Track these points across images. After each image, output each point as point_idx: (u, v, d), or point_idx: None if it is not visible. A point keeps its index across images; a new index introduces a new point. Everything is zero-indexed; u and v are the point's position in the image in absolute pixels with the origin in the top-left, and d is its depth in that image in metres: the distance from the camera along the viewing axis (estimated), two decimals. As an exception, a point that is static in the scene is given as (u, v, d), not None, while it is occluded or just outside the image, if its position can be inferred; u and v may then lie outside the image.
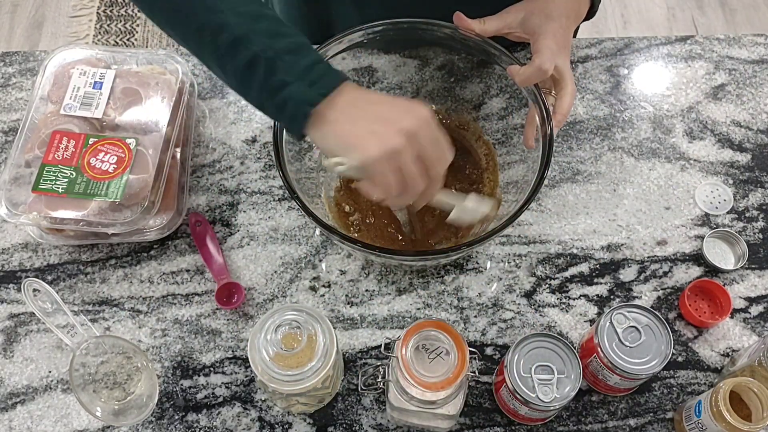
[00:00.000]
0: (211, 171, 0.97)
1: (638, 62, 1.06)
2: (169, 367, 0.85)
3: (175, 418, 0.82)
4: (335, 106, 0.67)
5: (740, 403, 0.75)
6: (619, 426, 0.83)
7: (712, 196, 0.96)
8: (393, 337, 0.83)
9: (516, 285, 0.90)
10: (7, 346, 0.86)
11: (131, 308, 0.88)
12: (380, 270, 0.91)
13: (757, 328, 0.88)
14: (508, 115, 0.96)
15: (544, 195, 0.96)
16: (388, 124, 0.66)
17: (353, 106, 0.68)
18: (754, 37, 1.09)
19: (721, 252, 0.92)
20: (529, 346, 0.76)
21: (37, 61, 1.05)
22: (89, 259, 0.91)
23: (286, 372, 0.70)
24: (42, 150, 0.87)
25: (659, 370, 0.76)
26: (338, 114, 0.67)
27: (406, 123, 0.66)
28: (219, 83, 1.03)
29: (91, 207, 0.84)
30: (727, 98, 1.04)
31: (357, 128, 0.67)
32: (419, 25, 0.88)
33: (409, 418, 0.77)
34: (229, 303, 0.88)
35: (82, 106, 0.90)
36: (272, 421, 0.82)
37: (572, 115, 1.01)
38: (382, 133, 0.66)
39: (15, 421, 0.82)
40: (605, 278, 0.91)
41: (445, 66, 0.96)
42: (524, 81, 0.82)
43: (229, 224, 0.93)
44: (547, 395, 0.73)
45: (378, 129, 0.66)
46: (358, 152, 0.66)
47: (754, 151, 1.00)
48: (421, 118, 0.67)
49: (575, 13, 0.87)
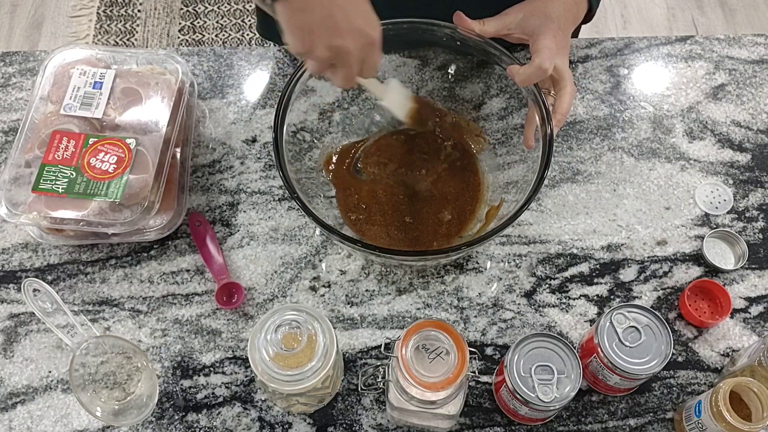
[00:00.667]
0: (211, 171, 0.97)
1: (638, 62, 1.06)
2: (169, 367, 0.85)
3: (175, 418, 0.82)
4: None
5: (740, 403, 0.75)
6: (619, 426, 0.83)
7: (712, 196, 0.96)
8: (393, 337, 0.83)
9: (516, 285, 0.90)
10: (7, 346, 0.86)
11: (131, 308, 0.88)
12: (380, 270, 0.91)
13: (757, 328, 0.88)
14: (508, 115, 0.96)
15: (544, 195, 0.96)
16: (327, 33, 0.68)
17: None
18: (754, 37, 1.09)
19: (721, 252, 0.92)
20: (529, 346, 0.76)
21: (37, 61, 1.05)
22: (89, 259, 0.91)
23: (286, 372, 0.70)
24: (42, 150, 0.87)
25: (659, 370, 0.76)
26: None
27: (340, 41, 0.68)
28: (219, 83, 1.03)
29: (91, 207, 0.84)
30: (727, 98, 1.04)
31: (302, 19, 0.68)
32: (419, 25, 0.88)
33: (409, 418, 0.77)
34: (229, 303, 0.88)
35: (82, 106, 0.90)
36: (272, 421, 0.82)
37: (572, 115, 1.01)
38: (314, 39, 0.68)
39: (15, 421, 0.82)
40: (605, 278, 0.91)
41: (445, 66, 0.96)
42: (524, 81, 0.82)
43: (229, 224, 0.93)
44: (547, 395, 0.73)
45: (315, 32, 0.68)
46: (290, 41, 0.70)
47: (754, 151, 1.00)
48: (363, 41, 0.70)
49: (573, 14, 0.87)
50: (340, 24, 0.68)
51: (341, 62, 0.71)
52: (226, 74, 1.04)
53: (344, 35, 0.69)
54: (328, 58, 0.70)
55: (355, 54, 0.70)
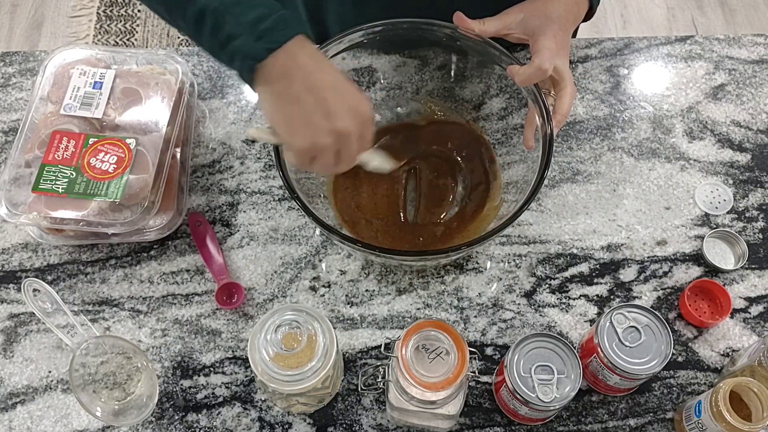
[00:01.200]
0: (211, 171, 0.97)
1: (638, 62, 1.06)
2: (169, 367, 0.85)
3: (175, 418, 0.82)
4: (281, 68, 0.66)
5: (740, 403, 0.75)
6: (619, 426, 0.83)
7: (712, 196, 0.96)
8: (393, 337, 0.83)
9: (516, 285, 0.90)
10: (7, 346, 0.86)
11: (131, 308, 0.88)
12: (380, 270, 0.91)
13: (757, 328, 0.88)
14: (508, 115, 0.96)
15: (544, 195, 0.96)
16: (326, 118, 0.66)
17: (299, 79, 0.66)
18: (754, 37, 1.09)
19: (721, 252, 0.92)
20: (529, 346, 0.76)
21: (37, 61, 1.05)
22: (89, 259, 0.91)
23: (286, 372, 0.70)
24: (42, 150, 0.87)
25: (659, 370, 0.76)
26: (282, 81, 0.66)
27: (342, 123, 0.67)
28: (219, 83, 1.03)
29: (91, 207, 0.84)
30: (727, 98, 1.04)
31: (295, 111, 0.67)
32: (419, 25, 0.88)
33: (409, 418, 0.77)
34: (229, 303, 0.88)
35: (82, 106, 0.90)
36: (272, 421, 0.82)
37: (572, 115, 1.01)
38: (314, 128, 0.66)
39: (15, 421, 0.82)
40: (605, 278, 0.91)
41: (445, 66, 0.96)
42: (524, 81, 0.82)
43: (229, 224, 0.93)
44: (547, 395, 0.73)
45: (313, 121, 0.66)
46: (287, 137, 0.69)
47: (754, 151, 1.00)
48: (360, 119, 0.68)
49: (574, 15, 0.87)
50: (336, 107, 0.67)
51: (342, 146, 0.68)
52: (226, 74, 1.04)
53: (343, 117, 0.67)
54: (333, 144, 0.67)
55: (354, 135, 0.68)
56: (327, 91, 0.67)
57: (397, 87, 0.98)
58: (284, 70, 0.66)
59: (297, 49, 0.66)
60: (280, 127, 0.69)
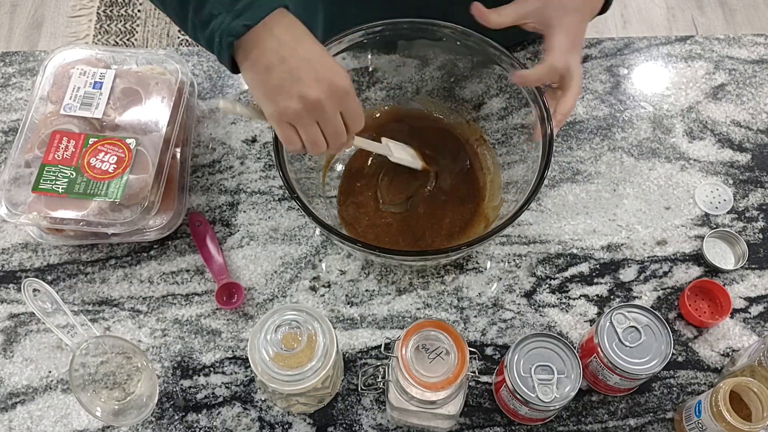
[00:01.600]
0: (211, 171, 0.97)
1: (638, 62, 1.06)
2: (169, 367, 0.85)
3: (175, 418, 0.82)
4: (258, 40, 0.67)
5: (740, 403, 0.75)
6: (619, 426, 0.83)
7: (712, 196, 0.96)
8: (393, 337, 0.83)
9: (516, 285, 0.90)
10: (7, 346, 0.86)
11: (131, 308, 0.88)
12: (380, 270, 0.91)
13: (757, 328, 0.88)
14: (508, 115, 0.96)
15: (544, 195, 0.96)
16: (293, 84, 0.67)
17: (272, 51, 0.67)
18: (754, 37, 1.09)
19: (721, 252, 0.92)
20: (529, 346, 0.76)
21: (37, 61, 1.05)
22: (89, 259, 0.91)
23: (286, 372, 0.70)
24: (42, 150, 0.87)
25: (659, 370, 0.76)
26: (257, 53, 0.67)
27: (309, 90, 0.67)
28: (219, 83, 1.03)
29: (91, 207, 0.84)
30: (727, 98, 1.04)
31: (267, 79, 0.68)
32: (419, 25, 0.88)
33: (409, 418, 0.77)
34: (229, 303, 0.88)
35: (82, 106, 0.90)
36: (272, 421, 0.82)
37: (572, 115, 1.01)
38: (283, 93, 0.68)
39: (15, 421, 0.82)
40: (605, 278, 0.91)
41: (445, 66, 0.96)
42: (536, 81, 0.82)
43: (229, 224, 0.93)
44: (547, 395, 0.73)
45: (284, 87, 0.67)
46: (261, 106, 0.71)
47: (754, 151, 1.00)
48: (331, 89, 0.68)
49: (591, 8, 0.85)
50: (306, 75, 0.67)
51: (318, 116, 0.69)
52: (226, 74, 1.04)
53: (312, 85, 0.67)
54: (301, 111, 0.68)
55: (328, 105, 0.69)
56: (300, 61, 0.68)
57: (397, 87, 0.98)
58: (260, 42, 0.67)
59: (274, 23, 0.68)
60: (258, 98, 0.70)
